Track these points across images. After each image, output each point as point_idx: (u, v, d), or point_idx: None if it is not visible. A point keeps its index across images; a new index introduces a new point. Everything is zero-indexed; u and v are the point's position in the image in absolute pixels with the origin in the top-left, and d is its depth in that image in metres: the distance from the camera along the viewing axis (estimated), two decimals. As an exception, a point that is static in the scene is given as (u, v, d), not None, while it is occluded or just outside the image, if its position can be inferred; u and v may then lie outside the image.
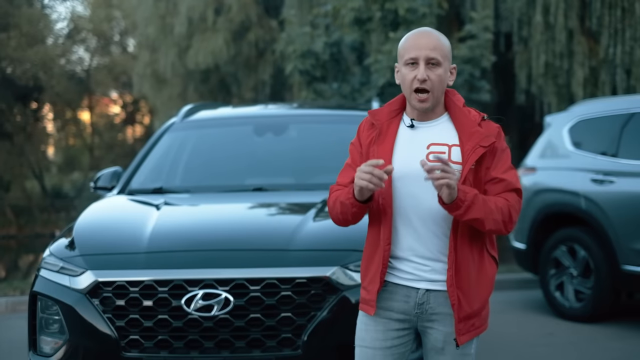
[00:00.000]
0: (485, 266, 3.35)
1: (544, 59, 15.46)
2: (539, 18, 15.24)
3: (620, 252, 7.64)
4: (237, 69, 20.99)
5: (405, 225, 3.32)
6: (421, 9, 12.19)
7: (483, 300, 3.36)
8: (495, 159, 3.31)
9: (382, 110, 3.45)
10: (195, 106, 7.10)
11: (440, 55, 3.25)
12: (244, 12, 20.50)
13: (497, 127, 3.35)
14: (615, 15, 15.20)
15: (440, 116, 3.37)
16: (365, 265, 3.46)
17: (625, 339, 7.37)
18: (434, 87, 3.25)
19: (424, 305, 3.34)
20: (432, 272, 3.32)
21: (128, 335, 4.56)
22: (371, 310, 3.38)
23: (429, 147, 3.29)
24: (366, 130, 3.45)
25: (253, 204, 5.60)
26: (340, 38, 12.54)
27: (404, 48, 3.32)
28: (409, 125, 3.36)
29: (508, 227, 3.26)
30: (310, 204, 5.34)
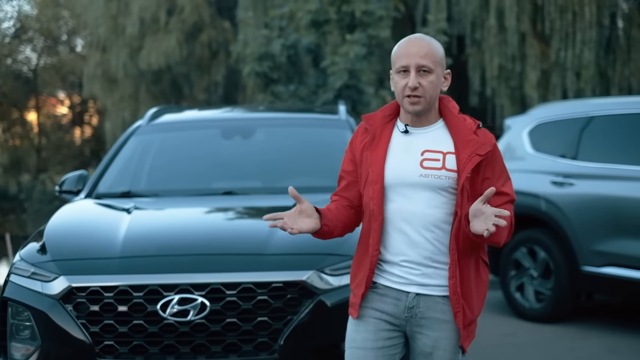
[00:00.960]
0: (481, 272, 3.39)
1: (497, 62, 15.66)
2: (493, 21, 15.44)
3: (579, 253, 7.76)
4: (189, 70, 20.90)
5: (397, 231, 3.34)
6: (378, 11, 12.24)
7: (481, 306, 3.41)
8: (496, 171, 3.33)
9: (376, 115, 3.46)
10: (160, 109, 7.05)
11: (431, 62, 3.24)
12: (197, 12, 20.41)
13: (492, 136, 3.35)
14: (566, 19, 15.49)
15: (434, 122, 3.38)
16: (354, 268, 3.48)
17: (587, 339, 7.48)
18: (426, 93, 3.26)
19: (413, 309, 3.36)
20: (423, 277, 3.34)
21: (102, 341, 4.51)
22: (355, 313, 3.41)
23: (423, 154, 3.31)
24: (360, 135, 3.46)
25: (225, 207, 5.58)
26: (297, 40, 12.54)
27: (396, 56, 3.32)
28: (403, 130, 3.37)
29: (508, 239, 3.31)
30: (282, 207, 5.32)
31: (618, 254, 7.47)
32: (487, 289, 3.44)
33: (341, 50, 12.14)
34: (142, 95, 21.57)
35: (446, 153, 3.29)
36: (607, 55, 16.29)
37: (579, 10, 15.39)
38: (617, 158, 7.70)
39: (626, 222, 7.46)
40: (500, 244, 3.22)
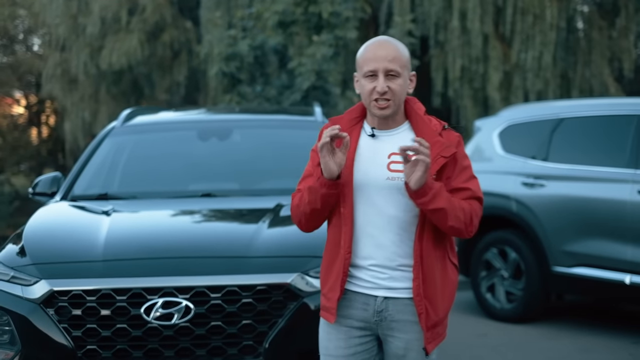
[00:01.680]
0: (449, 274, 3.39)
1: (460, 63, 15.75)
2: (456, 23, 15.52)
3: (550, 254, 7.83)
4: (151, 70, 20.73)
5: (365, 234, 3.34)
6: (345, 12, 12.25)
7: (447, 308, 3.41)
8: (456, 169, 3.34)
9: (343, 118, 3.45)
10: (134, 110, 6.99)
11: (399, 66, 3.25)
12: (159, 12, 20.25)
13: (457, 136, 3.38)
14: (527, 21, 15.62)
15: (400, 125, 3.39)
16: (324, 272, 3.47)
17: (558, 339, 7.55)
18: (394, 97, 3.27)
19: (382, 312, 3.36)
20: (390, 280, 3.34)
21: (85, 346, 4.47)
22: (331, 318, 3.40)
23: (389, 157, 3.32)
24: None
25: (205, 210, 5.55)
26: (264, 41, 12.51)
27: (362, 59, 3.31)
28: (370, 134, 3.37)
29: (469, 229, 3.30)
30: (263, 209, 5.32)
31: (588, 254, 7.55)
32: (456, 291, 3.45)
33: (308, 51, 12.14)
34: (103, 96, 21.33)
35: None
36: (567, 56, 16.46)
37: (540, 12, 15.53)
38: (587, 160, 7.78)
39: (596, 223, 7.55)
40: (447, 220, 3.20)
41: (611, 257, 7.39)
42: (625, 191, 7.33)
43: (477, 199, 3.36)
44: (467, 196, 3.32)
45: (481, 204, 3.38)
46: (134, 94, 21.70)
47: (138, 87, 21.60)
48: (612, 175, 7.49)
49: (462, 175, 3.35)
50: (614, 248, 7.38)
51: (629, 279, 7.25)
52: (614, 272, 7.38)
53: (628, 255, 7.28)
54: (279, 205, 5.34)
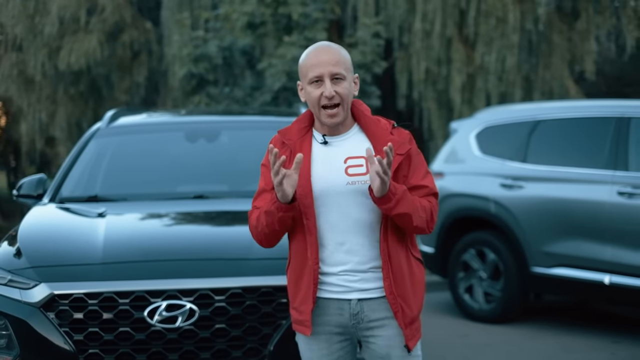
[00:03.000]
0: (414, 269, 3.41)
1: (424, 66, 15.80)
2: (419, 25, 15.57)
3: (529, 254, 7.90)
4: (110, 71, 20.51)
5: (333, 242, 3.33)
6: (314, 13, 12.25)
7: (420, 302, 3.43)
8: (411, 166, 3.36)
9: (291, 128, 3.44)
10: (118, 111, 6.91)
11: (343, 69, 3.27)
12: (118, 13, 20.03)
13: (408, 134, 3.40)
14: (490, 24, 15.72)
15: (350, 128, 3.40)
16: (293, 286, 3.44)
17: (538, 339, 7.62)
18: (343, 101, 3.27)
19: (358, 315, 3.36)
20: (362, 282, 3.35)
21: (87, 350, 4.41)
22: (307, 330, 3.38)
23: (346, 162, 3.31)
24: (278, 147, 3.38)
25: (201, 212, 5.51)
26: (232, 42, 12.46)
27: (306, 66, 3.30)
28: (321, 142, 3.36)
29: (430, 225, 3.33)
30: None
31: (568, 254, 7.63)
32: (425, 286, 3.48)
33: (278, 52, 12.11)
34: (60, 97, 21.05)
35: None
36: (529, 59, 16.61)
37: (503, 15, 15.64)
38: (566, 161, 7.87)
39: (575, 224, 7.63)
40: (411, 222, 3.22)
41: (590, 257, 7.48)
42: (605, 192, 7.42)
43: (434, 195, 3.41)
44: (425, 193, 3.36)
45: (437, 198, 3.42)
46: (93, 95, 21.45)
47: (97, 88, 21.35)
48: (591, 177, 7.58)
49: (418, 172, 3.37)
50: (593, 248, 7.46)
51: (608, 279, 7.34)
52: (593, 273, 7.46)
53: (607, 256, 7.37)
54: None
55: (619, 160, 7.45)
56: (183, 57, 12.54)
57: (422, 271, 3.47)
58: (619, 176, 7.38)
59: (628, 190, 7.26)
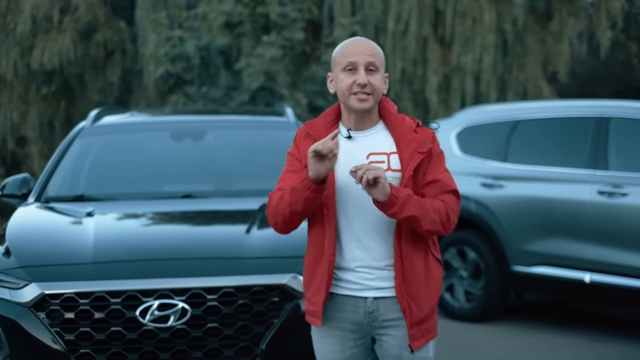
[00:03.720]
0: (432, 269, 3.39)
1: (400, 66, 15.87)
2: (395, 26, 15.64)
3: (510, 253, 7.95)
4: (83, 71, 20.40)
5: (349, 236, 3.34)
6: (292, 13, 12.27)
7: (432, 303, 3.39)
8: (431, 164, 3.35)
9: (319, 121, 3.44)
10: (102, 110, 6.88)
11: (378, 62, 3.30)
12: (92, 12, 19.94)
13: (431, 133, 3.40)
14: (467, 25, 15.82)
15: (375, 124, 3.40)
16: (308, 276, 3.44)
17: (519, 338, 7.67)
18: (374, 91, 3.28)
19: (373, 313, 3.36)
20: (379, 280, 3.34)
21: (78, 349, 4.40)
22: (317, 321, 3.38)
23: (368, 157, 3.32)
24: (303, 139, 3.42)
25: (190, 211, 5.51)
26: (210, 41, 12.44)
27: (341, 54, 3.32)
28: (346, 136, 3.37)
29: (446, 227, 3.30)
30: (249, 210, 5.30)
31: (548, 253, 7.69)
32: (441, 286, 3.46)
33: (257, 51, 12.11)
34: (32, 96, 20.93)
35: (390, 154, 3.33)
36: (504, 60, 16.73)
37: (478, 16, 15.77)
38: (546, 161, 7.93)
39: (555, 223, 7.69)
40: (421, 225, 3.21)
41: (571, 256, 7.54)
42: (585, 191, 7.49)
43: (452, 192, 3.37)
44: (440, 188, 3.33)
45: (457, 197, 3.38)
46: (65, 95, 21.33)
47: (69, 88, 21.23)
48: (571, 176, 7.64)
49: (437, 169, 3.36)
50: (573, 247, 7.53)
51: (589, 278, 7.40)
52: (574, 271, 7.52)
53: (588, 254, 7.44)
54: (263, 206, 5.31)
55: (599, 159, 7.53)
56: (160, 57, 12.49)
57: (440, 272, 3.44)
58: (599, 175, 7.45)
59: (608, 190, 7.34)
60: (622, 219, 7.27)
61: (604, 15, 17.66)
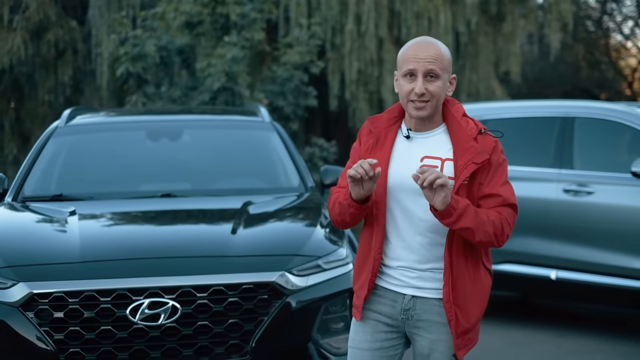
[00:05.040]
0: (482, 279, 3.35)
1: (356, 66, 15.95)
2: (352, 26, 15.72)
3: (476, 251, 8.05)
4: (34, 70, 20.15)
5: (395, 236, 3.34)
6: (252, 13, 12.27)
7: (479, 313, 3.37)
8: (489, 175, 3.27)
9: (381, 117, 3.41)
10: (75, 109, 6.85)
11: (439, 68, 3.20)
12: (42, 11, 19.70)
13: (493, 141, 3.30)
14: (422, 26, 15.96)
15: (437, 127, 3.34)
16: (357, 270, 3.47)
17: (486, 333, 7.57)
18: (432, 99, 3.22)
19: (409, 311, 3.35)
20: (419, 280, 3.33)
21: (68, 349, 4.39)
22: (358, 315, 3.41)
23: (422, 160, 3.27)
24: (365, 135, 3.41)
25: (173, 210, 5.51)
26: (170, 41, 12.40)
27: (403, 59, 3.26)
28: (405, 135, 3.33)
29: (499, 240, 3.25)
30: (232, 209, 5.33)
31: (515, 251, 7.80)
32: (488, 296, 3.40)
33: (217, 52, 12.10)
34: (-19, 96, 20.65)
35: (445, 160, 3.26)
36: (457, 61, 16.90)
37: (434, 17, 15.92)
38: (512, 160, 8.00)
39: (521, 221, 7.67)
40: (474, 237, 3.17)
41: (537, 253, 7.68)
42: (551, 190, 7.63)
43: (510, 206, 3.29)
44: (497, 203, 3.26)
45: (515, 210, 3.30)
46: (15, 94, 21.05)
47: (19, 87, 20.95)
48: (537, 175, 7.78)
49: (495, 181, 3.28)
50: (540, 245, 7.67)
51: (555, 274, 7.55)
52: (540, 268, 7.66)
53: (554, 251, 7.58)
54: (246, 205, 5.35)
55: (564, 159, 7.68)
56: (121, 56, 12.40)
57: (489, 282, 3.40)
58: (565, 174, 7.60)
59: (573, 188, 7.49)
60: (588, 216, 7.42)
61: (554, 17, 17.92)
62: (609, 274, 7.29)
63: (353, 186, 3.16)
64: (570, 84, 24.06)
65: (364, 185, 3.15)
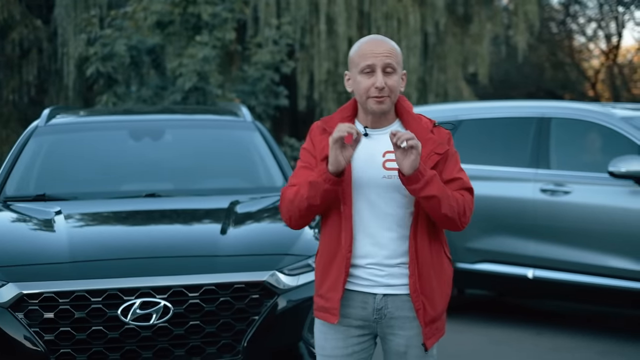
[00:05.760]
0: (445, 268, 3.39)
1: (326, 67, 15.99)
2: (322, 27, 15.75)
3: (454, 251, 8.03)
4: (-2, 70, 19.98)
5: (364, 233, 3.33)
6: (223, 13, 12.25)
7: (445, 302, 3.40)
8: (447, 163, 3.34)
9: (335, 117, 3.41)
10: (55, 108, 6.78)
11: (395, 62, 3.27)
12: (7, 9, 19.52)
13: (447, 133, 3.40)
14: (392, 26, 16.03)
15: (392, 123, 3.38)
16: (321, 273, 3.41)
17: (464, 332, 7.82)
18: (391, 93, 3.27)
19: (382, 310, 3.34)
20: (389, 277, 3.33)
21: (59, 349, 4.35)
22: (334, 318, 3.34)
23: (384, 155, 3.30)
24: (319, 135, 3.40)
25: (159, 210, 5.48)
26: (140, 41, 12.34)
27: (359, 55, 3.29)
28: (363, 133, 3.34)
29: (462, 220, 3.31)
30: (220, 209, 5.32)
31: (492, 250, 7.88)
32: (452, 285, 3.45)
33: (188, 52, 12.05)
34: (-57, 96, 20.41)
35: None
36: (425, 61, 17.01)
37: (404, 17, 16.00)
38: (489, 160, 8.12)
39: (498, 220, 7.89)
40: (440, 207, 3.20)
41: (514, 252, 7.74)
42: (528, 189, 7.70)
43: (469, 190, 3.39)
44: (458, 186, 3.34)
45: (472, 195, 3.40)
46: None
47: (-18, 86, 20.75)
48: (514, 175, 7.85)
49: (452, 167, 3.36)
50: (517, 244, 7.73)
51: (532, 273, 7.61)
52: (517, 267, 7.72)
53: (531, 251, 7.65)
54: (233, 204, 5.34)
55: (540, 158, 7.75)
56: (91, 56, 12.31)
57: (451, 270, 3.44)
58: (542, 174, 7.67)
59: (550, 188, 7.56)
60: (565, 216, 7.49)
61: (521, 19, 18.09)
62: (586, 272, 7.36)
63: (336, 150, 3.13)
64: (535, 85, 24.30)
65: (345, 153, 3.13)
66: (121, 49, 12.02)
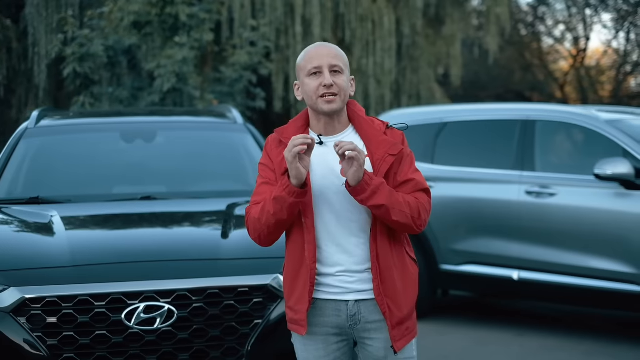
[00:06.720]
0: (408, 269, 3.41)
1: (301, 69, 15.98)
2: (298, 28, 15.74)
3: (439, 253, 8.15)
4: (-34, 70, 19.71)
5: (329, 242, 3.35)
6: (201, 14, 12.21)
7: (412, 303, 3.41)
8: (402, 164, 3.36)
9: (289, 127, 3.43)
10: (44, 110, 6.72)
11: (342, 64, 3.31)
12: (-24, 9, 19.32)
13: (401, 134, 3.43)
14: (367, 28, 16.07)
15: (346, 128, 3.40)
16: (289, 285, 3.43)
17: (449, 334, 7.88)
18: (340, 91, 3.28)
19: (356, 316, 3.36)
20: (359, 283, 3.35)
21: (62, 354, 4.30)
22: (302, 330, 3.37)
23: (341, 163, 3.27)
24: (275, 148, 3.40)
25: (155, 213, 5.44)
26: (117, 41, 12.26)
27: (306, 60, 3.32)
28: (318, 142, 3.35)
29: (417, 223, 3.30)
30: (218, 211, 5.30)
31: (477, 252, 7.94)
32: (417, 285, 3.45)
33: (166, 53, 11.99)
34: None
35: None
36: (399, 63, 17.07)
37: (379, 20, 16.04)
38: (474, 162, 8.18)
39: (483, 222, 7.95)
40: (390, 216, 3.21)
41: (499, 254, 7.81)
42: (513, 192, 7.77)
43: (424, 191, 3.39)
44: (413, 187, 3.34)
45: (429, 196, 3.40)
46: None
47: (-51, 87, 20.47)
48: (499, 177, 7.92)
49: (407, 168, 3.37)
50: (502, 246, 7.80)
51: (517, 275, 7.68)
52: (502, 269, 7.79)
53: (515, 252, 7.72)
54: (231, 207, 5.32)
55: (525, 161, 7.82)
56: (68, 56, 12.20)
57: (416, 271, 3.46)
58: (527, 176, 7.74)
59: (536, 190, 7.63)
60: (551, 218, 7.57)
61: (492, 21, 18.21)
62: (572, 274, 7.44)
63: (293, 166, 3.12)
64: (504, 86, 24.46)
65: (303, 162, 3.14)
66: (99, 49, 11.93)
